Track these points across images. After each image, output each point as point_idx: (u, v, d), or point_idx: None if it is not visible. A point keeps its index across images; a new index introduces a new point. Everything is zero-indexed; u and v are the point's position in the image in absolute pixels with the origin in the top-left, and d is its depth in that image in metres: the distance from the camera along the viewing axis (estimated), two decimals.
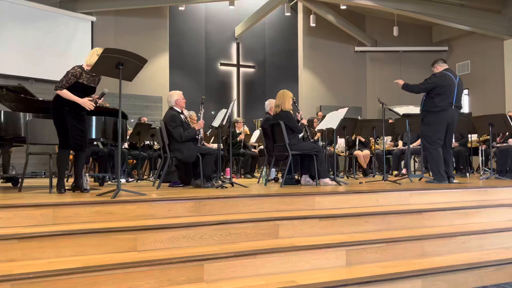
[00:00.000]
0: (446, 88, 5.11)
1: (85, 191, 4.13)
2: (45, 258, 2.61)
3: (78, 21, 10.11)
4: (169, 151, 4.90)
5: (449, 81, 5.15)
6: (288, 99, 5.14)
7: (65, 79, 3.96)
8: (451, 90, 5.12)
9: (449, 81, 5.15)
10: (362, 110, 12.78)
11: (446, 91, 5.10)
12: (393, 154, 7.91)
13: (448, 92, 5.11)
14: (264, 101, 5.99)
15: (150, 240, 2.86)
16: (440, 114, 5.12)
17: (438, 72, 5.25)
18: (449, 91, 5.11)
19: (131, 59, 3.78)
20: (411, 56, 13.28)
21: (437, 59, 5.48)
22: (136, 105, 10.55)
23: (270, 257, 2.83)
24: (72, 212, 3.01)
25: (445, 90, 5.10)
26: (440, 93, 5.11)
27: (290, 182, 5.23)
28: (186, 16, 11.87)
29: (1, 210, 2.84)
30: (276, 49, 12.96)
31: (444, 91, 5.10)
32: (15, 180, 5.37)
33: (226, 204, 3.43)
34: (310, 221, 3.31)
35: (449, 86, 5.12)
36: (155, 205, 3.24)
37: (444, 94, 5.10)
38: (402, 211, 3.66)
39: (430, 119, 5.19)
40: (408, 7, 10.74)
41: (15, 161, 6.65)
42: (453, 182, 5.07)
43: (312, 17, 11.71)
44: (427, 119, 5.24)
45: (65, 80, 3.96)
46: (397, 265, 3.03)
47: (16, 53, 9.15)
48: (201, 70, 12.12)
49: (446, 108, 5.11)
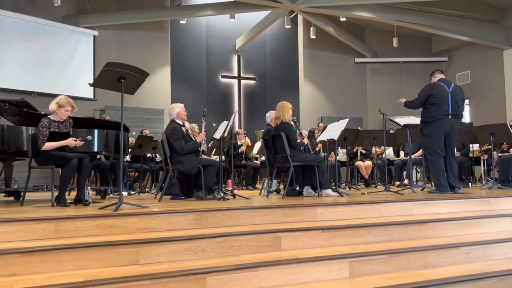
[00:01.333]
0: (437, 97, 5.12)
1: (86, 204, 4.13)
2: (47, 272, 2.60)
3: (80, 35, 10.21)
4: (171, 164, 4.91)
5: (439, 89, 5.16)
6: (287, 110, 5.16)
7: (41, 135, 4.18)
8: (443, 99, 5.12)
9: (439, 90, 5.16)
10: (363, 120, 12.81)
11: (437, 100, 5.12)
12: (394, 165, 7.90)
13: (440, 101, 5.12)
14: (265, 113, 6.02)
15: (152, 253, 2.85)
16: (436, 124, 5.14)
17: (430, 83, 5.31)
18: (441, 100, 5.12)
19: (133, 73, 3.81)
20: (411, 66, 13.35)
21: (434, 70, 5.52)
22: (138, 117, 10.59)
23: (272, 270, 2.82)
24: (74, 226, 3.01)
25: (437, 100, 5.12)
26: (433, 103, 5.14)
27: (292, 194, 5.22)
28: (187, 30, 11.98)
29: (3, 224, 2.84)
30: (277, 61, 13.05)
31: (435, 100, 5.12)
32: (17, 194, 5.37)
33: (228, 216, 3.42)
34: (312, 232, 3.30)
35: (440, 95, 5.12)
36: (157, 218, 3.24)
37: (436, 104, 5.12)
38: (404, 222, 3.64)
39: (428, 130, 5.22)
40: (407, 19, 10.83)
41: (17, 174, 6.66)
42: (458, 192, 5.04)
43: (312, 29, 11.80)
44: (425, 130, 5.27)
45: (41, 135, 4.18)
46: (400, 276, 3.00)
47: (19, 68, 9.24)
48: (202, 82, 12.19)
49: (442, 118, 5.11)
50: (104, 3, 10.54)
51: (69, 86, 9.83)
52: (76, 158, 4.13)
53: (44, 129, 4.19)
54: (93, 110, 10.22)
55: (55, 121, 4.31)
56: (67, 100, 4.36)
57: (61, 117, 4.36)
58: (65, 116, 4.37)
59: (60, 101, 4.33)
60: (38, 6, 9.72)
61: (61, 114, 4.34)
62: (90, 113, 10.03)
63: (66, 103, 4.34)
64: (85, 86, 9.69)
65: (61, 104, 4.32)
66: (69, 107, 4.36)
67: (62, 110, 4.33)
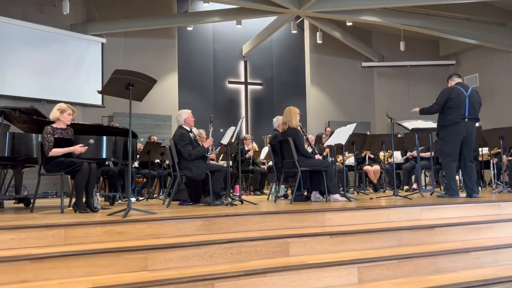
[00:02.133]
0: (455, 101, 5.10)
1: (95, 210, 4.17)
2: (56, 278, 2.61)
3: (89, 43, 10.32)
4: (179, 169, 4.93)
5: (457, 93, 5.14)
6: (294, 115, 5.16)
7: (46, 142, 4.24)
8: (461, 103, 5.11)
9: (457, 93, 5.14)
10: (370, 125, 12.77)
11: (455, 104, 5.10)
12: (403, 169, 7.85)
13: (457, 104, 5.10)
14: (272, 118, 6.03)
15: (160, 259, 2.86)
16: (453, 127, 5.11)
17: (447, 87, 5.28)
18: (458, 104, 5.10)
19: (141, 80, 3.85)
20: (419, 70, 13.29)
21: (452, 74, 5.53)
22: (146, 124, 10.65)
23: (281, 275, 2.81)
24: (83, 232, 3.03)
25: (454, 103, 5.10)
26: (450, 107, 5.12)
27: (300, 199, 5.21)
28: (194, 36, 12.05)
29: (14, 231, 2.87)
30: (284, 66, 13.07)
31: (453, 104, 5.10)
32: (27, 200, 5.42)
33: (236, 222, 3.42)
34: (321, 238, 3.29)
35: (457, 99, 5.11)
36: (165, 224, 3.25)
37: (453, 107, 5.10)
38: (413, 226, 3.62)
39: (444, 133, 5.19)
40: (414, 22, 10.80)
41: (27, 181, 6.72)
42: (475, 196, 4.97)
43: (319, 34, 11.82)
44: (441, 134, 5.24)
45: (46, 142, 4.24)
46: (410, 282, 2.98)
47: (28, 75, 9.35)
48: (209, 88, 12.24)
49: (459, 121, 5.09)
50: (112, 11, 10.65)
51: (77, 93, 9.93)
52: (86, 163, 4.18)
53: (48, 135, 4.25)
54: (102, 117, 10.30)
55: (57, 129, 4.38)
56: (66, 105, 4.49)
57: (65, 122, 4.43)
58: (68, 120, 4.46)
59: (60, 107, 4.44)
60: (47, 14, 9.85)
61: (65, 119, 4.42)
62: (98, 120, 10.11)
63: (67, 108, 4.45)
64: (94, 93, 9.78)
65: (62, 110, 4.42)
66: (70, 110, 4.47)
67: (65, 115, 4.42)
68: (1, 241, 2.82)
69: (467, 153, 5.16)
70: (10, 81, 9.12)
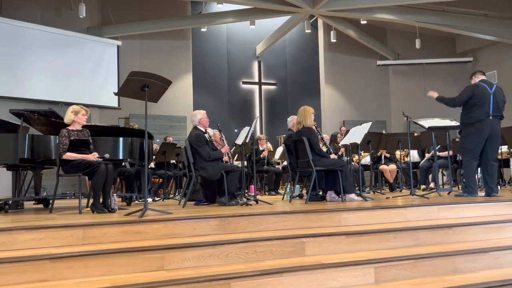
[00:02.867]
0: (479, 98, 5.03)
1: (112, 211, 4.22)
2: (75, 278, 2.66)
3: (104, 46, 10.46)
4: (194, 170, 4.96)
5: (482, 90, 5.07)
6: (309, 115, 5.14)
7: (61, 144, 4.32)
8: (485, 100, 5.03)
9: (481, 91, 5.07)
10: (386, 124, 12.64)
11: (479, 101, 5.03)
12: (420, 168, 7.76)
13: (481, 102, 5.03)
14: (287, 118, 6.02)
15: (177, 259, 2.88)
16: (477, 125, 5.03)
17: (471, 84, 5.21)
18: (482, 101, 5.03)
19: (156, 81, 3.88)
20: (435, 68, 13.11)
21: (476, 71, 5.44)
22: (162, 125, 10.75)
23: (296, 275, 2.80)
24: (101, 232, 3.07)
25: (478, 100, 5.03)
26: (475, 104, 5.05)
27: (315, 199, 5.19)
28: (208, 37, 12.11)
29: (33, 231, 2.92)
30: (297, 66, 13.04)
31: (477, 101, 5.03)
32: (46, 201, 5.52)
33: (251, 222, 3.43)
34: (337, 238, 3.28)
35: (482, 96, 5.04)
36: (181, 223, 3.27)
37: (478, 105, 5.03)
38: (431, 226, 3.57)
39: (468, 131, 5.12)
40: (430, 19, 10.66)
41: (46, 183, 6.85)
42: (495, 195, 4.88)
43: (333, 33, 11.76)
44: (464, 131, 5.17)
45: (61, 145, 4.32)
46: (427, 282, 2.94)
47: (46, 79, 9.52)
48: (223, 89, 12.28)
49: (483, 119, 5.01)
50: (127, 14, 10.78)
51: (94, 96, 10.07)
52: (103, 164, 4.25)
53: (63, 138, 4.33)
54: (118, 118, 10.43)
55: (73, 131, 4.45)
56: (78, 106, 4.58)
57: (80, 122, 4.51)
58: (83, 121, 4.54)
59: (73, 109, 4.52)
60: (64, 18, 10.02)
61: (80, 120, 4.50)
62: (115, 121, 10.24)
63: (80, 109, 4.54)
64: (110, 95, 9.93)
65: (76, 111, 4.50)
66: (83, 111, 4.55)
67: (80, 116, 4.50)
68: (22, 241, 2.88)
69: (491, 152, 5.07)
70: (28, 84, 9.30)
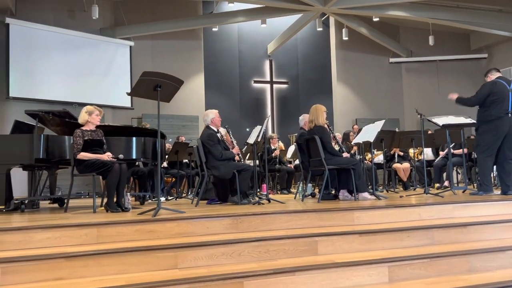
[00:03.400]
0: (498, 95, 4.97)
1: (126, 210, 4.26)
2: (90, 276, 2.69)
3: (117, 46, 10.55)
4: (206, 169, 4.98)
5: (500, 87, 5.01)
6: (321, 113, 5.12)
7: (75, 145, 4.37)
8: (504, 97, 4.97)
9: (499, 88, 5.01)
10: (399, 122, 12.53)
11: (498, 99, 4.97)
12: (434, 166, 7.67)
13: (500, 99, 4.97)
14: (298, 116, 6.00)
15: (190, 257, 2.89)
16: (495, 122, 4.97)
17: (489, 81, 5.14)
18: (501, 98, 4.97)
19: (169, 81, 3.90)
20: (449, 65, 12.94)
21: (491, 68, 5.38)
22: (174, 124, 10.80)
23: (310, 274, 2.80)
24: (115, 231, 3.10)
25: (497, 98, 4.97)
26: (493, 101, 4.99)
27: (328, 197, 5.17)
28: (220, 37, 12.13)
29: (49, 230, 2.97)
30: (309, 64, 12.99)
31: (496, 98, 4.97)
32: (61, 201, 5.59)
33: (263, 221, 3.43)
34: (350, 236, 3.26)
35: (501, 93, 4.98)
36: (194, 222, 3.29)
37: (496, 102, 4.97)
38: (445, 225, 3.53)
39: (485, 128, 5.06)
40: (443, 16, 10.52)
41: (60, 182, 6.94)
42: (511, 194, 4.82)
43: (345, 30, 11.69)
44: (481, 129, 5.11)
45: (75, 145, 4.37)
46: (442, 281, 2.91)
47: (60, 80, 9.64)
48: (235, 88, 12.29)
49: (502, 116, 4.95)
50: (139, 15, 10.86)
51: (107, 96, 10.17)
52: (117, 163, 4.29)
53: (77, 138, 4.38)
54: (131, 118, 10.52)
55: (87, 131, 4.50)
56: (92, 106, 4.64)
57: (94, 122, 4.56)
58: (97, 121, 4.59)
59: (87, 109, 4.58)
60: (77, 20, 10.14)
61: (94, 120, 4.55)
62: (128, 121, 10.33)
63: (94, 109, 4.60)
64: (123, 95, 10.01)
65: (90, 112, 4.56)
66: (97, 111, 4.61)
67: (94, 116, 4.55)
68: (38, 239, 2.92)
69: (508, 150, 4.99)
70: (43, 86, 9.43)
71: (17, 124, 5.48)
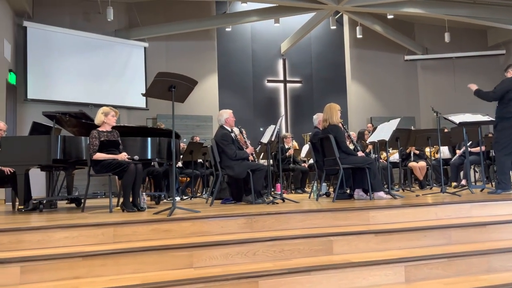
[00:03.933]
0: None
1: (142, 210, 4.30)
2: (107, 275, 2.72)
3: (132, 47, 10.67)
4: (221, 168, 5.00)
5: None
6: (335, 112, 5.09)
7: (91, 146, 4.42)
8: None
9: None
10: (415, 120, 12.38)
11: None
12: (451, 165, 7.56)
13: None
14: (312, 115, 5.97)
15: (205, 256, 2.91)
16: None
17: (509, 76, 5.05)
18: None
19: (183, 82, 3.93)
20: (465, 62, 12.74)
21: (511, 64, 5.28)
22: (188, 125, 10.87)
23: (325, 274, 2.78)
24: (131, 231, 3.13)
25: None
26: None
27: (343, 197, 5.14)
28: (233, 37, 12.16)
29: (67, 230, 3.01)
30: (323, 63, 12.93)
31: None
32: (78, 200, 5.67)
33: (278, 220, 3.43)
34: (365, 236, 3.23)
35: None
36: (209, 222, 3.30)
37: None
38: (463, 224, 3.47)
39: (504, 125, 4.98)
40: (459, 12, 10.36)
41: (77, 182, 7.04)
42: None
43: (359, 28, 11.60)
44: (500, 126, 5.03)
45: (91, 146, 4.42)
46: (461, 281, 2.87)
47: (76, 81, 9.78)
48: (249, 88, 12.31)
49: None
50: (153, 16, 10.95)
51: (122, 97, 10.28)
52: (132, 164, 4.33)
53: (93, 139, 4.43)
54: (146, 119, 10.61)
55: (103, 132, 4.56)
56: (108, 107, 4.70)
57: (110, 123, 4.62)
58: (113, 122, 4.65)
59: (104, 110, 4.64)
60: (92, 22, 10.27)
61: (110, 121, 4.61)
62: (143, 122, 10.43)
63: (110, 110, 4.66)
64: (138, 96, 10.11)
65: (106, 112, 4.62)
66: (113, 112, 4.67)
67: (110, 117, 4.61)
68: (56, 239, 2.97)
69: None
70: (59, 87, 9.58)
71: (35, 126, 5.57)
